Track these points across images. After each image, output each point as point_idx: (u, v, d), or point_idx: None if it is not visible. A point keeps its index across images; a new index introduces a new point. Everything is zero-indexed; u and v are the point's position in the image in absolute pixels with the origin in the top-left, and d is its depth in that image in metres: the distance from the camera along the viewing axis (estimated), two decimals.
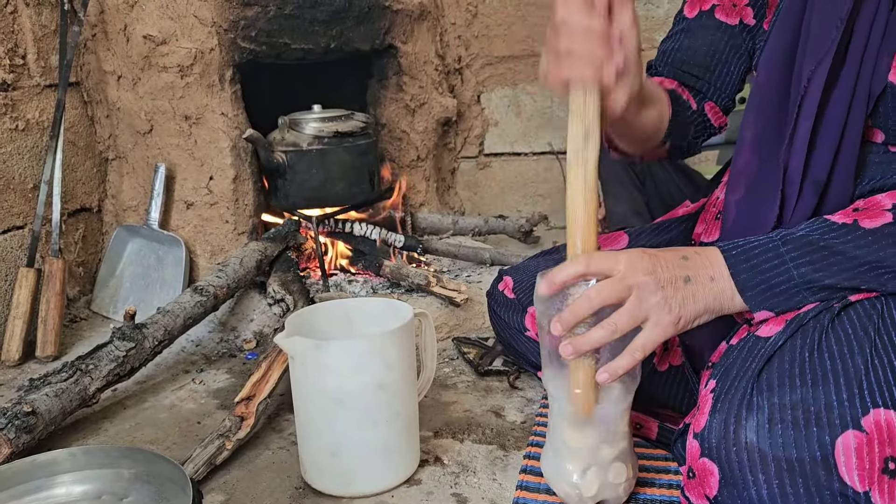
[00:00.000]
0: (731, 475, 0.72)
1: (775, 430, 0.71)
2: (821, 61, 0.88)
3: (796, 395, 0.73)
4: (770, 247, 0.82)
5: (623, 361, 0.83)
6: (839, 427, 0.70)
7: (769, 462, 0.70)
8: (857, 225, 0.80)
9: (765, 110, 0.96)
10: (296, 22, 1.77)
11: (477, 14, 2.27)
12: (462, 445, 1.18)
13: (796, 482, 0.69)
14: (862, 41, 0.88)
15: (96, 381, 1.25)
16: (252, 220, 1.81)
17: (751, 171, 0.96)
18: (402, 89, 2.08)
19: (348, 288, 1.73)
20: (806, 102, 0.89)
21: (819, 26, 0.90)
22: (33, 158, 1.70)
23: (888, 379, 0.73)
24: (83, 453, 0.97)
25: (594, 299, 0.82)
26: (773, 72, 0.96)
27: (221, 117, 1.74)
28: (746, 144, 0.98)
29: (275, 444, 1.21)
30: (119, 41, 1.74)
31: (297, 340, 1.01)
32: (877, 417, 0.70)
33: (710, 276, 0.84)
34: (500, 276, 1.29)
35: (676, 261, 0.84)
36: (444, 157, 2.32)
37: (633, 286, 0.81)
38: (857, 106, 0.88)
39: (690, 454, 0.78)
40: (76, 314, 1.78)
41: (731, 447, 0.73)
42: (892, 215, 0.80)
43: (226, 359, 1.57)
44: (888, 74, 0.86)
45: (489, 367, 1.43)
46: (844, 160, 0.88)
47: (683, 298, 0.82)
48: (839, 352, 0.76)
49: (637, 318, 0.82)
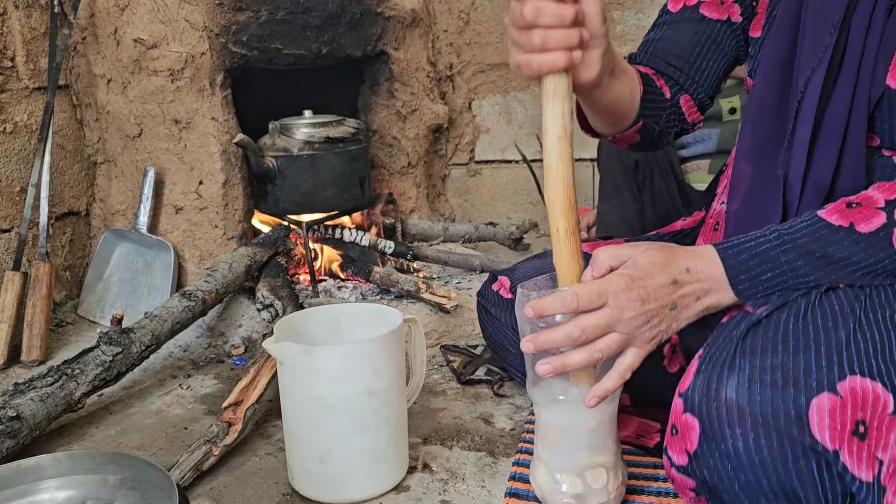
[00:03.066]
0: (710, 429, 0.76)
1: (754, 388, 0.74)
2: (816, 67, 0.89)
3: (777, 360, 0.76)
4: (771, 255, 0.83)
5: (610, 383, 0.86)
6: (815, 390, 0.73)
7: (746, 417, 0.74)
8: (853, 229, 0.81)
9: (763, 119, 0.97)
10: (287, 27, 1.77)
11: (469, 21, 2.28)
12: (451, 452, 1.18)
13: (770, 436, 0.73)
14: (858, 47, 0.89)
15: (82, 385, 1.24)
16: (241, 226, 1.80)
17: (746, 180, 0.97)
18: (394, 96, 2.09)
19: (338, 294, 1.72)
20: (804, 107, 0.90)
21: (813, 33, 0.91)
22: (21, 161, 1.68)
23: (868, 351, 0.75)
24: (68, 459, 0.96)
25: (577, 339, 0.83)
26: (771, 80, 0.96)
27: (212, 122, 1.73)
28: (743, 154, 0.99)
29: (262, 450, 1.20)
30: (109, 44, 1.73)
31: (286, 345, 1.01)
32: (853, 384, 0.73)
33: (697, 296, 0.85)
34: (493, 276, 1.27)
35: (666, 287, 0.84)
36: (435, 163, 2.32)
37: (617, 323, 0.83)
38: (857, 110, 0.89)
39: (674, 411, 0.81)
40: (63, 318, 1.76)
41: (712, 403, 0.76)
42: (885, 214, 0.81)
43: (214, 364, 1.56)
44: (885, 79, 0.88)
45: (471, 377, 1.43)
46: (849, 164, 0.89)
47: (668, 325, 0.85)
48: (823, 324, 0.79)
49: (621, 348, 0.84)
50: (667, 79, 1.11)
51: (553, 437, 0.94)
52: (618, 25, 2.26)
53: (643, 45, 1.15)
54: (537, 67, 0.82)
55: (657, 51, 1.11)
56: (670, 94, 1.10)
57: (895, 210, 0.81)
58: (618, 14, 2.26)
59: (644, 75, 1.06)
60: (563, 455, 0.93)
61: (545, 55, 0.81)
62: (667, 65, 1.10)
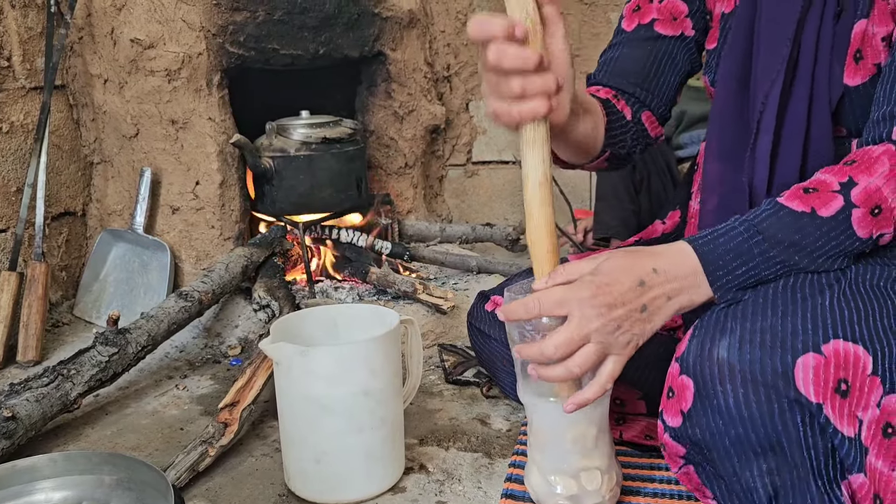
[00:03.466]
0: (703, 388, 0.80)
1: (744, 348, 0.78)
2: (775, 78, 0.95)
3: (766, 322, 0.79)
4: (745, 248, 0.84)
5: (590, 393, 0.86)
6: (800, 350, 0.77)
7: (736, 374, 0.78)
8: (815, 214, 0.83)
9: (727, 125, 1.02)
10: (285, 27, 1.77)
11: (466, 22, 2.28)
12: (447, 453, 1.18)
13: (758, 391, 0.77)
14: (810, 53, 0.94)
15: (78, 386, 1.24)
16: (238, 226, 1.80)
17: (722, 180, 1.01)
18: (391, 96, 2.09)
19: (334, 294, 1.72)
20: (765, 118, 0.95)
21: (768, 45, 0.96)
22: (17, 161, 1.68)
23: (851, 318, 0.79)
24: (64, 459, 0.96)
25: (551, 356, 0.83)
26: (730, 90, 1.02)
27: (209, 122, 1.73)
28: (713, 154, 1.03)
29: (258, 450, 1.20)
30: (106, 44, 1.73)
31: (283, 346, 1.01)
32: (836, 346, 0.77)
33: (668, 296, 0.84)
34: (483, 297, 1.24)
35: (633, 290, 0.83)
36: (432, 164, 2.32)
37: (588, 334, 0.82)
38: (818, 112, 0.95)
39: (671, 375, 0.84)
40: (59, 319, 1.76)
41: (706, 363, 0.80)
42: (842, 197, 0.83)
43: (210, 365, 1.56)
44: (842, 79, 0.94)
45: (459, 377, 1.43)
46: (816, 163, 0.93)
47: (642, 328, 0.85)
48: (810, 291, 0.82)
49: (600, 358, 0.84)
50: (627, 97, 1.12)
51: (544, 440, 0.94)
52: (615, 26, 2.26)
53: (601, 65, 1.17)
54: (517, 116, 0.80)
55: (616, 70, 1.14)
56: (631, 113, 1.12)
57: (850, 191, 0.83)
58: (614, 15, 2.27)
59: (605, 101, 1.08)
60: (555, 457, 0.93)
61: (526, 103, 0.80)
62: (627, 83, 1.12)
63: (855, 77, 0.94)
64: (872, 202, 0.83)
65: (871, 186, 0.83)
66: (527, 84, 0.78)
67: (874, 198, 0.83)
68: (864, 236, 0.84)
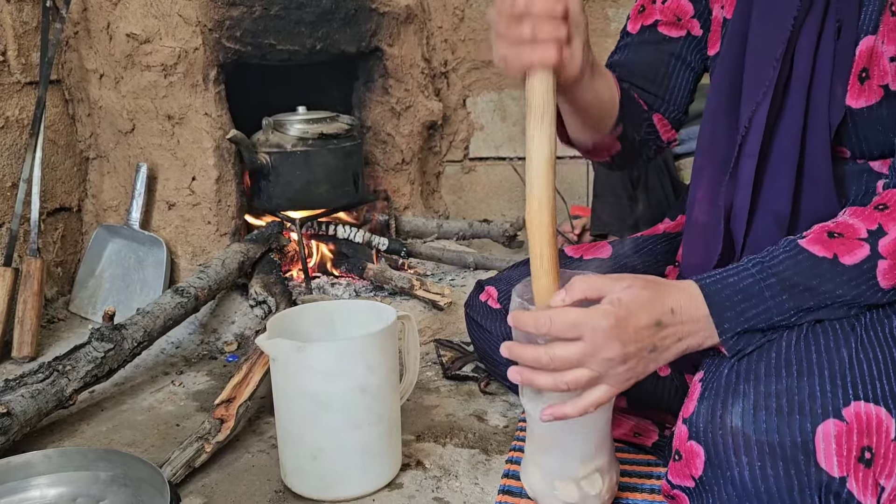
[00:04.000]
0: (715, 457, 0.75)
1: (759, 415, 0.73)
2: (760, 101, 0.88)
3: (781, 385, 0.75)
4: (755, 290, 0.80)
5: (570, 410, 0.83)
6: (821, 416, 0.72)
7: (752, 445, 0.73)
8: (837, 261, 0.79)
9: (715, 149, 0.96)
10: (281, 23, 1.76)
11: (464, 18, 2.27)
12: (444, 449, 1.18)
13: (777, 465, 0.72)
14: (805, 73, 0.88)
15: (73, 382, 1.23)
16: (235, 222, 1.79)
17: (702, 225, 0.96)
18: (388, 92, 2.08)
19: (331, 290, 1.72)
20: (748, 141, 0.89)
21: (754, 66, 0.90)
22: (12, 157, 1.67)
23: (871, 373, 0.75)
24: (59, 455, 0.95)
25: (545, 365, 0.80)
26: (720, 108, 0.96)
27: (205, 117, 1.72)
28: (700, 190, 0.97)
29: (255, 446, 1.20)
30: (102, 39, 1.72)
31: (279, 342, 1.00)
32: (857, 409, 0.72)
33: (679, 337, 0.81)
34: (480, 286, 1.25)
35: (649, 329, 0.79)
36: (429, 160, 2.32)
37: (590, 360, 0.79)
38: (814, 135, 0.88)
39: (678, 437, 0.79)
40: (54, 315, 1.75)
41: (718, 431, 0.75)
42: (869, 247, 0.78)
43: (206, 361, 1.55)
44: (844, 100, 0.87)
45: (457, 372, 1.43)
46: (817, 188, 0.88)
47: (645, 366, 0.82)
48: (825, 345, 0.78)
49: (590, 385, 0.81)
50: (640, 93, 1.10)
51: (544, 443, 0.93)
52: (612, 23, 2.25)
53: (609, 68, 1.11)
54: (528, 61, 0.78)
55: (623, 75, 1.08)
56: (645, 107, 1.08)
57: (878, 241, 0.78)
58: (612, 11, 2.26)
59: (620, 85, 1.04)
60: (556, 460, 0.92)
61: (535, 48, 0.77)
62: (637, 87, 1.08)
63: (859, 99, 0.88)
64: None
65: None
66: (538, 28, 0.77)
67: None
68: (886, 287, 0.79)
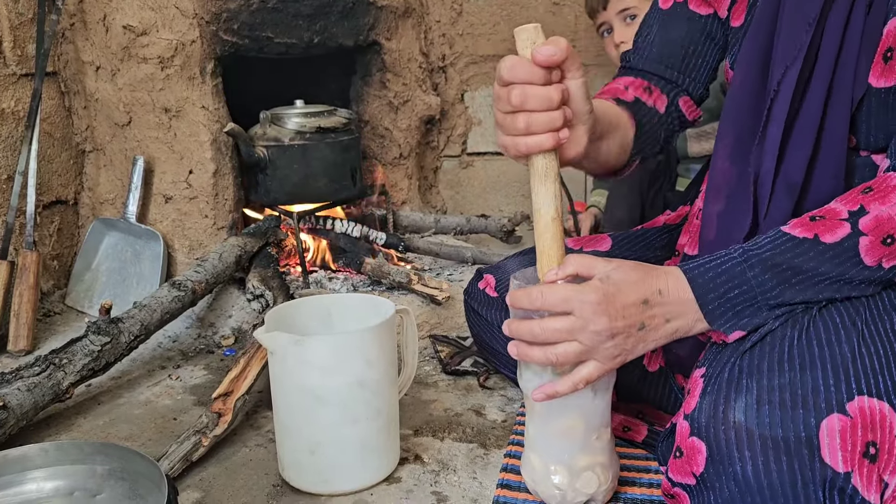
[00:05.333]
0: (717, 453, 0.75)
1: (763, 410, 0.73)
2: (790, 65, 0.88)
3: (784, 379, 0.75)
4: (737, 271, 0.81)
5: (561, 387, 0.85)
6: (825, 410, 0.72)
7: (755, 440, 0.73)
8: (818, 240, 0.79)
9: (741, 117, 0.95)
10: (279, 15, 1.76)
11: (462, 12, 2.27)
12: (442, 444, 1.18)
13: (780, 460, 0.72)
14: (834, 44, 0.87)
15: (70, 375, 1.23)
16: (232, 215, 1.79)
17: (730, 181, 0.95)
18: (386, 86, 2.07)
19: (328, 285, 1.71)
20: (776, 106, 0.89)
21: (789, 30, 0.90)
22: (8, 149, 1.66)
23: (874, 367, 0.75)
24: (55, 449, 0.95)
25: (536, 336, 0.84)
26: (748, 76, 0.95)
27: (202, 110, 1.71)
28: (722, 153, 0.98)
29: (252, 441, 1.19)
30: (98, 31, 1.71)
31: (278, 335, 1.00)
32: (861, 404, 0.72)
33: (667, 318, 0.83)
34: (479, 274, 1.27)
35: (636, 306, 0.82)
36: (427, 155, 2.31)
37: (580, 333, 0.82)
38: (835, 110, 0.87)
39: (680, 434, 0.79)
40: (50, 308, 1.74)
41: (720, 426, 0.75)
42: (849, 225, 0.79)
43: (203, 355, 1.55)
44: (867, 77, 0.86)
45: (457, 367, 1.43)
46: (828, 163, 0.88)
47: (634, 344, 0.83)
48: (827, 339, 0.78)
49: (579, 358, 0.84)
50: (664, 84, 1.11)
51: (544, 429, 0.93)
52: None
53: (637, 47, 1.14)
54: (524, 149, 0.82)
55: (653, 55, 1.12)
56: (667, 102, 1.10)
57: (859, 220, 0.79)
58: None
59: (634, 103, 1.05)
60: (556, 446, 0.93)
61: (531, 139, 0.81)
62: (664, 67, 1.11)
63: (880, 79, 0.86)
64: (883, 231, 0.78)
65: (883, 215, 0.79)
66: (531, 121, 0.80)
67: (885, 227, 0.78)
68: (871, 264, 0.79)
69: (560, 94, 0.80)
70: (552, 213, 0.84)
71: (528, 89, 0.79)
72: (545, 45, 0.79)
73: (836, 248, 0.79)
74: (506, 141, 0.83)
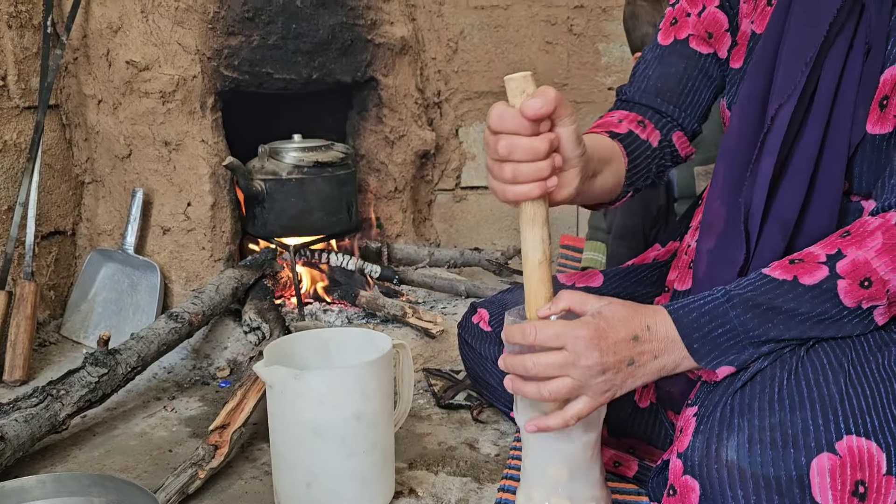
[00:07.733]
0: (710, 491, 0.76)
1: (755, 449, 0.75)
2: (785, 102, 0.90)
3: (775, 419, 0.77)
4: (720, 311, 0.83)
5: (553, 422, 0.87)
6: (814, 449, 0.74)
7: (748, 479, 0.74)
8: (797, 282, 0.82)
9: (736, 156, 0.97)
10: (279, 52, 1.79)
11: (457, 50, 2.31)
12: (436, 477, 1.19)
13: (772, 498, 0.73)
14: (830, 87, 0.89)
15: (67, 406, 1.23)
16: (229, 248, 1.80)
17: (720, 220, 0.97)
18: (382, 121, 2.11)
19: (323, 317, 1.73)
20: (769, 138, 0.90)
21: (786, 69, 0.92)
22: (9, 180, 1.68)
23: (861, 407, 0.77)
24: (53, 481, 0.95)
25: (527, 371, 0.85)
26: (745, 116, 0.97)
27: (201, 144, 1.74)
28: (716, 192, 0.99)
29: (248, 473, 1.20)
30: (101, 66, 1.74)
31: (276, 369, 1.01)
32: (850, 443, 0.74)
33: (655, 354, 0.85)
34: (473, 308, 1.29)
35: (626, 343, 0.84)
36: (422, 189, 2.34)
37: (571, 368, 0.83)
38: (831, 151, 0.90)
39: (673, 472, 0.81)
40: (45, 338, 1.75)
41: (713, 465, 0.76)
42: (827, 269, 0.81)
43: (198, 386, 1.56)
44: (865, 124, 0.89)
45: (451, 401, 1.44)
46: (823, 204, 0.90)
47: (623, 380, 0.85)
48: (815, 379, 0.79)
49: (571, 394, 0.85)
50: (658, 118, 1.12)
51: (538, 462, 0.95)
52: (602, 57, 2.30)
53: (634, 79, 1.15)
54: (512, 197, 0.84)
55: (649, 88, 1.12)
56: (660, 137, 1.11)
57: (836, 263, 0.81)
58: (602, 46, 2.31)
59: (626, 136, 1.07)
60: (549, 480, 0.94)
61: (518, 187, 0.82)
62: (660, 101, 1.12)
63: (876, 126, 0.89)
64: (860, 274, 0.80)
65: (860, 259, 0.81)
66: (518, 172, 0.81)
67: (862, 270, 0.80)
68: (851, 305, 0.81)
69: (547, 145, 0.81)
70: (539, 256, 0.86)
71: (515, 140, 0.80)
72: (533, 98, 0.79)
73: (815, 289, 0.81)
74: (495, 185, 0.85)
